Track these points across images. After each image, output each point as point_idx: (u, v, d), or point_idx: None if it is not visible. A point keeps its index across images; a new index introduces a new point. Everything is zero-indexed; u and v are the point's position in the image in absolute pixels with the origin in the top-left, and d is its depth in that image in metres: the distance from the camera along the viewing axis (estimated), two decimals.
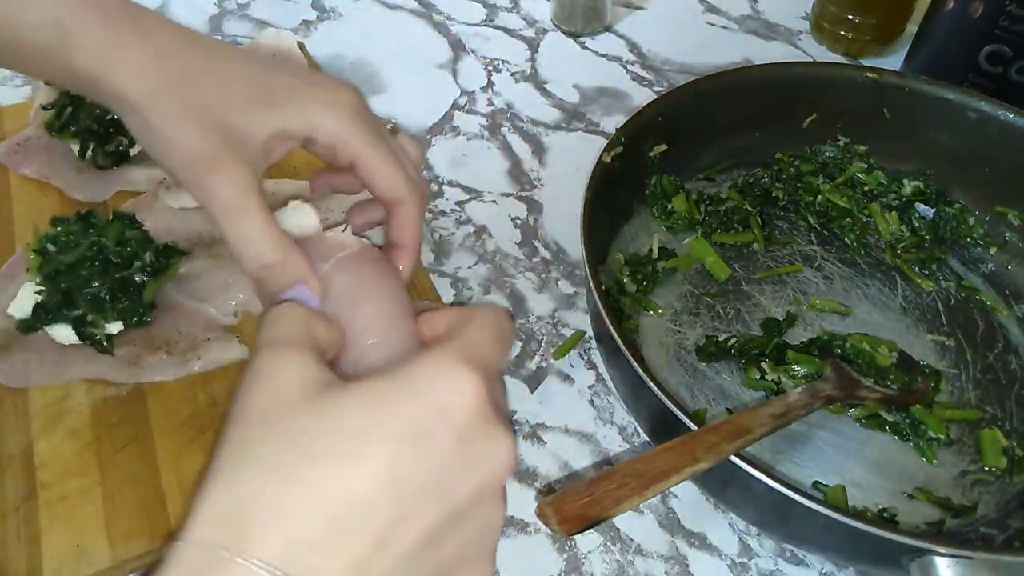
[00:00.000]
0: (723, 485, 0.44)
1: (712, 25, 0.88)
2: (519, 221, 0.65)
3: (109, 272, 0.52)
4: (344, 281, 0.34)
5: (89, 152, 0.63)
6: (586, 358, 0.56)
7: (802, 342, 0.54)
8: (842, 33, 0.82)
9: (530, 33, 0.85)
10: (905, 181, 0.64)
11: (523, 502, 0.48)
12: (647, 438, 0.51)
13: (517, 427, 0.52)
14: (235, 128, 0.35)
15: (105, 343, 0.51)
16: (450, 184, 0.68)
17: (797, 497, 0.37)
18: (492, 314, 0.33)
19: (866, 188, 0.64)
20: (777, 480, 0.38)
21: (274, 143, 0.36)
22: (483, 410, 0.28)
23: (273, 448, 0.27)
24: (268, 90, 0.36)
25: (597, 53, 0.83)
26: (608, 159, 0.54)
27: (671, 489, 0.44)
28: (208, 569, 0.24)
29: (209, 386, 0.52)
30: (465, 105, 0.76)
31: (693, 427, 0.40)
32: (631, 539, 0.47)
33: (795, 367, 0.52)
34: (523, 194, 0.68)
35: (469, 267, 0.62)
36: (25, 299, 0.52)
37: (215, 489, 0.26)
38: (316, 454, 0.26)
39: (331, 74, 0.76)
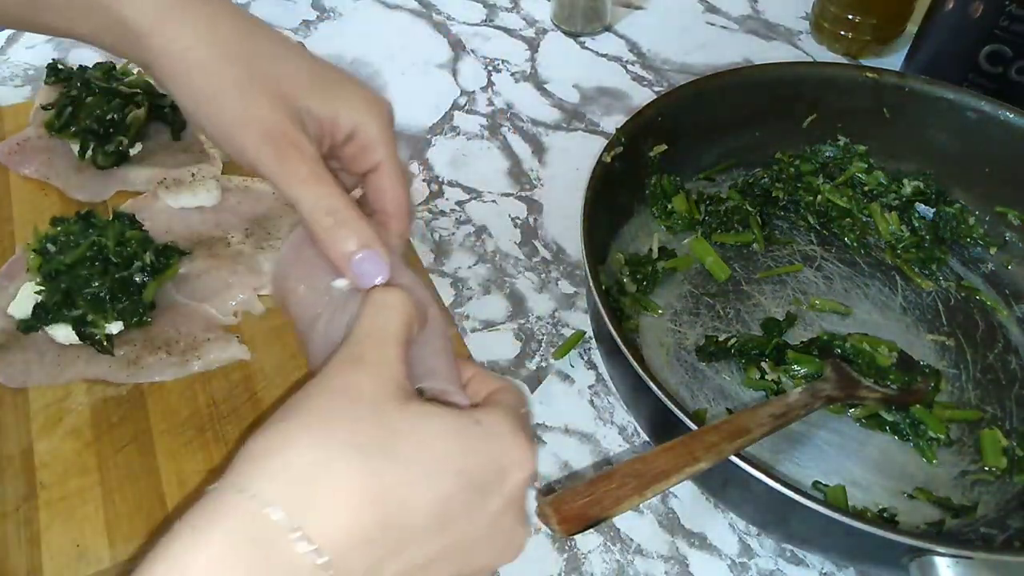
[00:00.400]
0: (723, 485, 0.44)
1: (712, 25, 0.88)
2: (519, 221, 0.65)
3: (109, 272, 0.52)
4: (409, 281, 0.35)
5: (89, 152, 0.63)
6: (586, 358, 0.56)
7: (802, 342, 0.54)
8: (842, 33, 0.82)
9: (530, 33, 0.85)
10: (905, 181, 0.64)
11: None
12: (647, 438, 0.51)
13: None
14: (299, 107, 0.35)
15: (105, 343, 0.51)
16: (450, 184, 0.68)
17: (797, 497, 0.37)
18: (523, 400, 0.34)
19: (866, 188, 0.64)
20: (777, 480, 0.38)
21: (325, 129, 0.36)
22: (525, 491, 0.30)
23: (361, 431, 0.27)
24: (322, 77, 0.36)
25: (597, 53, 0.83)
26: (608, 159, 0.54)
27: (671, 489, 0.44)
28: (256, 526, 0.24)
29: (209, 386, 0.52)
30: (465, 105, 0.76)
31: (693, 427, 0.40)
32: (631, 539, 0.47)
33: (795, 367, 0.52)
34: (523, 194, 0.68)
35: (469, 267, 0.62)
36: (25, 299, 0.52)
37: (293, 449, 0.26)
38: (396, 457, 0.27)
39: None
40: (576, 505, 0.34)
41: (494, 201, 0.67)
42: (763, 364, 0.53)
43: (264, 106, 0.34)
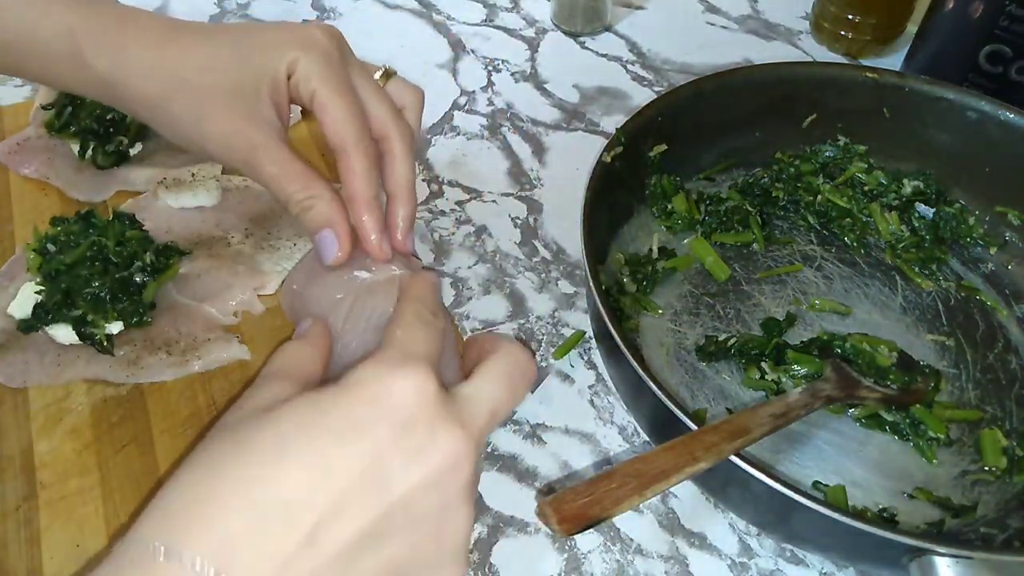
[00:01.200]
0: (723, 485, 0.44)
1: (712, 25, 0.88)
2: (519, 221, 0.65)
3: (109, 272, 0.52)
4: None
5: (89, 152, 0.63)
6: (586, 358, 0.56)
7: (802, 342, 0.54)
8: (842, 33, 0.82)
9: (530, 33, 0.85)
10: (905, 181, 0.64)
11: (523, 502, 0.48)
12: (647, 438, 0.51)
13: (517, 427, 0.52)
14: (243, 95, 0.36)
15: (105, 343, 0.51)
16: (450, 184, 0.68)
17: (797, 497, 0.37)
18: (419, 308, 0.33)
19: (866, 188, 0.64)
20: (777, 480, 0.38)
21: (275, 96, 0.37)
22: (428, 403, 0.28)
23: (218, 451, 0.27)
24: (250, 51, 0.37)
25: (597, 53, 0.83)
26: (608, 159, 0.54)
27: (671, 489, 0.44)
28: (142, 563, 0.25)
29: (209, 386, 0.52)
30: (465, 105, 0.76)
31: (693, 427, 0.40)
32: (631, 539, 0.47)
33: (795, 367, 0.52)
34: (523, 194, 0.68)
35: (469, 267, 0.62)
36: (25, 299, 0.52)
37: (163, 490, 0.27)
38: (250, 454, 0.27)
39: None
40: (576, 505, 0.34)
41: (494, 201, 0.67)
42: (763, 364, 0.53)
43: (216, 119, 0.36)
